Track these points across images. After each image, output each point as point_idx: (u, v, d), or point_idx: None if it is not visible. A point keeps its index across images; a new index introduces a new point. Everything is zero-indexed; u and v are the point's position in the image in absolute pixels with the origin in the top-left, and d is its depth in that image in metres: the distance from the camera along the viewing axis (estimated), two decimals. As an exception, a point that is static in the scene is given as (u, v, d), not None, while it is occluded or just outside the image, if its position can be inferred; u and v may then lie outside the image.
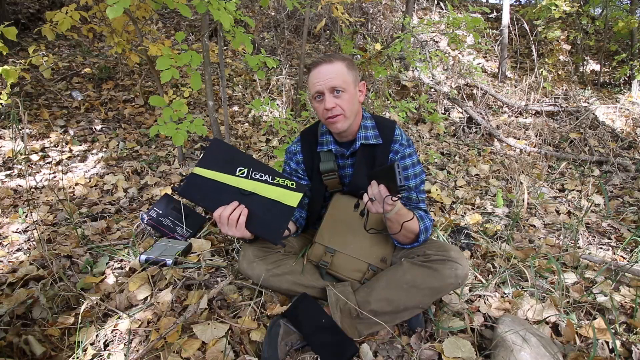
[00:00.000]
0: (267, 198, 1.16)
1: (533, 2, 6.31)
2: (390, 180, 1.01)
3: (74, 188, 2.34)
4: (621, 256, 1.78)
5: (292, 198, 1.17)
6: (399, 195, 1.03)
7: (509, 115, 4.21)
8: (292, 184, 1.17)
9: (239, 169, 1.16)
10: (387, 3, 5.71)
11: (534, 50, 5.33)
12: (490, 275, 1.59)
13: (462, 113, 4.00)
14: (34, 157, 2.62)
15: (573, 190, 2.66)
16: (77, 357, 1.09)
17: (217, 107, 3.47)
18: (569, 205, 2.38)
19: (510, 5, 5.65)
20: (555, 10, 4.61)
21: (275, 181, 1.17)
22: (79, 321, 1.21)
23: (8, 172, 2.47)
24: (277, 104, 3.55)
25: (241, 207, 1.12)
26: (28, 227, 1.88)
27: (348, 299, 1.18)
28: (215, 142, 1.20)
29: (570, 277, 1.56)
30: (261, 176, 1.17)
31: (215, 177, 1.15)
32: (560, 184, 2.78)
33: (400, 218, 1.16)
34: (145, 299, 1.35)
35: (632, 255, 1.75)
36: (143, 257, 1.53)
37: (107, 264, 1.57)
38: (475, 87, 4.46)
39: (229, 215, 1.10)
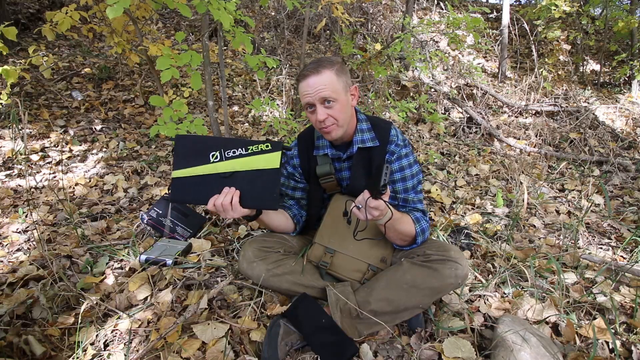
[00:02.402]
0: (249, 170, 1.15)
1: (533, 2, 6.31)
2: (375, 180, 1.00)
3: (74, 188, 2.34)
4: (621, 256, 1.78)
5: (272, 160, 1.14)
6: (382, 198, 1.01)
7: (509, 115, 4.22)
8: (267, 146, 1.15)
9: (211, 154, 1.16)
10: (387, 3, 5.71)
11: (534, 50, 5.33)
12: (490, 275, 1.59)
13: (462, 113, 4.00)
14: (34, 157, 2.62)
15: (573, 190, 2.66)
16: (77, 357, 1.09)
17: (217, 107, 3.47)
18: (569, 205, 2.38)
19: (510, 5, 5.65)
20: (555, 10, 4.61)
21: (249, 151, 1.15)
22: (79, 321, 1.21)
23: (8, 172, 2.47)
24: (277, 104, 3.55)
25: (232, 190, 1.12)
26: (28, 227, 1.88)
27: (348, 299, 1.18)
28: (180, 139, 1.18)
29: (570, 277, 1.56)
30: (234, 152, 1.15)
31: (194, 173, 1.15)
32: (560, 184, 2.78)
33: (395, 224, 1.16)
34: (145, 299, 1.35)
35: (632, 255, 1.75)
36: (143, 257, 1.53)
37: (107, 264, 1.57)
38: (475, 87, 4.46)
39: (222, 202, 1.10)
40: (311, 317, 1.16)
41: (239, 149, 1.15)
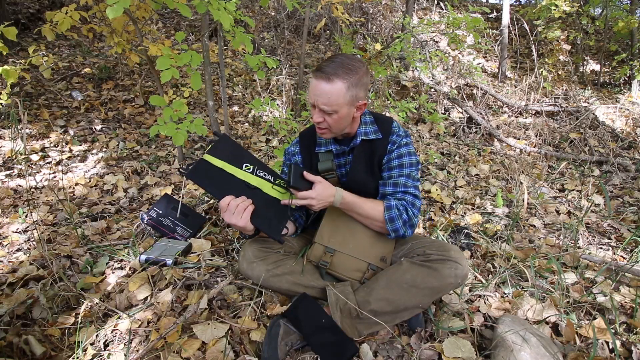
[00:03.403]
0: (270, 195, 1.21)
1: (533, 2, 6.31)
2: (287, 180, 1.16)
3: (74, 188, 2.34)
4: (621, 256, 1.78)
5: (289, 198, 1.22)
6: (293, 191, 1.17)
7: (509, 115, 4.21)
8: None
9: (245, 164, 1.21)
10: (387, 3, 5.71)
11: (534, 50, 5.33)
12: (490, 275, 1.59)
13: (462, 113, 4.00)
14: (34, 157, 2.62)
15: (573, 190, 2.66)
16: (77, 357, 1.09)
17: (217, 107, 3.47)
18: (569, 205, 2.38)
19: (510, 5, 5.65)
20: (555, 10, 4.61)
21: (277, 182, 1.24)
22: (79, 321, 1.21)
23: (8, 172, 2.47)
24: (277, 104, 3.55)
25: (249, 201, 1.16)
26: (28, 227, 1.88)
27: (348, 298, 1.18)
28: (225, 137, 1.24)
29: (570, 277, 1.56)
30: (265, 175, 1.23)
31: (224, 167, 1.19)
32: (560, 184, 2.78)
33: (355, 207, 1.25)
34: (145, 299, 1.35)
35: (632, 255, 1.75)
36: (143, 257, 1.53)
37: (107, 264, 1.57)
38: (475, 87, 4.46)
39: (237, 204, 1.13)
40: (311, 317, 1.16)
41: (269, 176, 1.24)
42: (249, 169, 1.21)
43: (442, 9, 6.33)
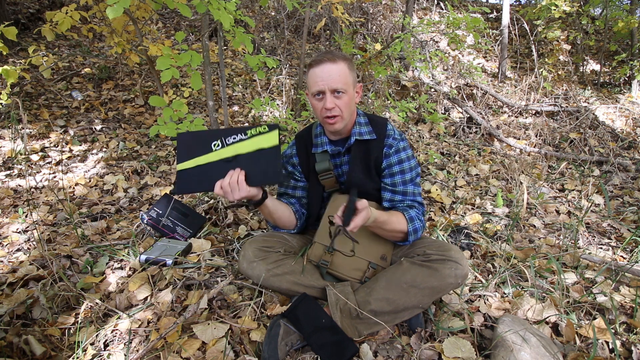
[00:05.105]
0: (251, 152, 1.19)
1: (533, 2, 6.31)
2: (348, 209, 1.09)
3: (74, 188, 2.34)
4: (621, 256, 1.78)
5: (271, 139, 1.19)
6: (348, 229, 1.08)
7: (509, 115, 4.21)
8: (264, 128, 1.20)
9: (213, 144, 1.20)
10: (387, 3, 5.71)
11: (534, 50, 5.33)
12: (490, 275, 1.59)
13: (462, 113, 4.00)
14: (34, 157, 2.62)
15: (573, 190, 2.66)
16: (77, 357, 1.09)
17: (217, 107, 3.47)
18: (569, 205, 2.38)
19: (510, 5, 5.65)
20: (555, 10, 4.61)
21: (248, 135, 1.20)
22: (79, 321, 1.21)
23: (8, 172, 2.47)
24: (277, 104, 3.55)
25: (237, 171, 1.14)
26: (28, 227, 1.88)
27: (348, 299, 1.18)
28: (181, 135, 1.24)
29: (570, 277, 1.56)
30: (234, 138, 1.20)
31: (198, 162, 1.19)
32: (560, 184, 2.78)
33: (381, 225, 1.20)
34: (145, 299, 1.35)
35: (632, 255, 1.75)
36: (143, 257, 1.53)
37: (107, 264, 1.57)
38: (475, 87, 4.46)
39: (229, 182, 1.12)
40: (311, 317, 1.16)
41: (239, 135, 1.20)
42: (218, 145, 1.20)
43: (442, 9, 6.33)
